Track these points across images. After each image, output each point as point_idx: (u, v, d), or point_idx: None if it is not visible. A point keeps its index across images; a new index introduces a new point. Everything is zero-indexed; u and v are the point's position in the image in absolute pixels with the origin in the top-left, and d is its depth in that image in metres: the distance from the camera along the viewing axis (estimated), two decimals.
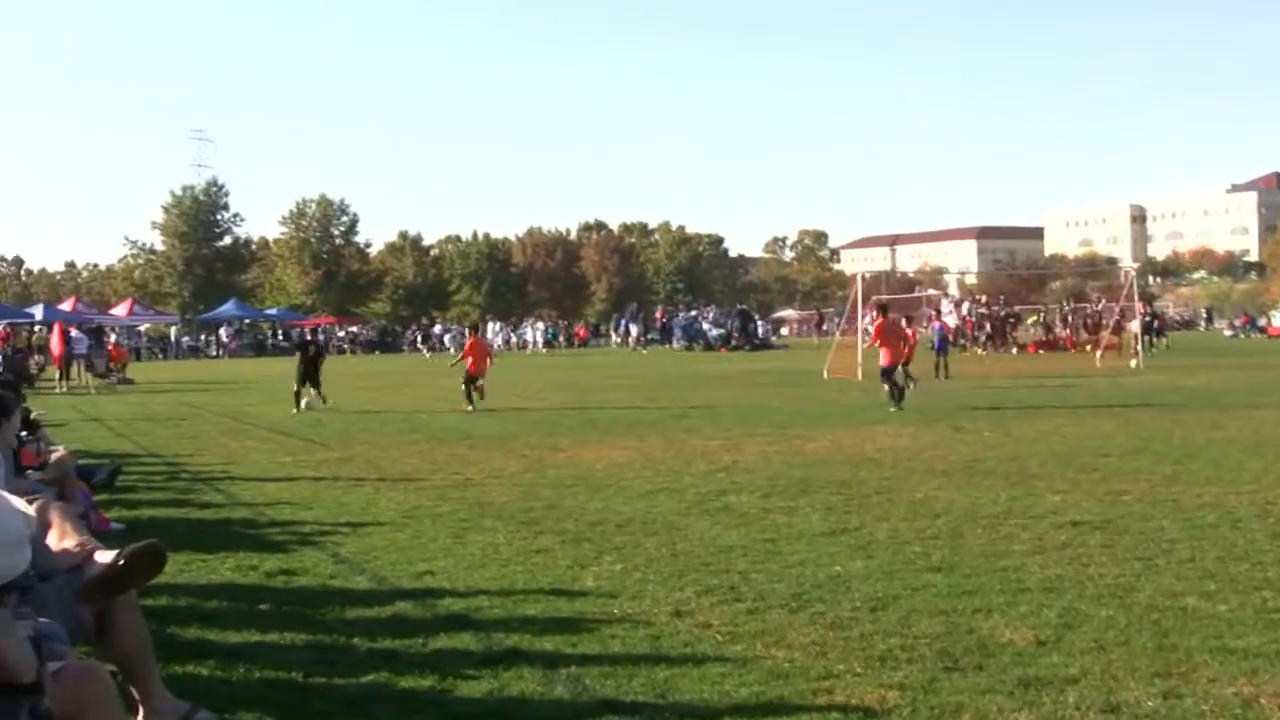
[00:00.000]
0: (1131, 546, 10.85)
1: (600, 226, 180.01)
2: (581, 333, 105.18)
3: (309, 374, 31.34)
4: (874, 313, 27.07)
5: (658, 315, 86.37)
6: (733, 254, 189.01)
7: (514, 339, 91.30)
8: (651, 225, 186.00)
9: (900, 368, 27.35)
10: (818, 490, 14.78)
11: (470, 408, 28.90)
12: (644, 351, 73.61)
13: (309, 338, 33.72)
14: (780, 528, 12.24)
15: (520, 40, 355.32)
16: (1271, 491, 13.92)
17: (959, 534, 11.67)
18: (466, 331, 36.52)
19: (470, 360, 30.37)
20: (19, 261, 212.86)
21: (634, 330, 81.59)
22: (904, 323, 32.06)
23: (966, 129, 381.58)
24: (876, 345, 27.81)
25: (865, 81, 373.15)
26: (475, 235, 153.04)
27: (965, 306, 66.53)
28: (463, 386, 30.03)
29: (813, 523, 12.50)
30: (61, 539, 5.30)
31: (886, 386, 26.93)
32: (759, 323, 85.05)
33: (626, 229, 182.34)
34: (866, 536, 11.65)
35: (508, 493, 15.27)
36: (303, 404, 30.59)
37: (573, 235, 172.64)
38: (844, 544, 11.30)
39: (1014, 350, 59.11)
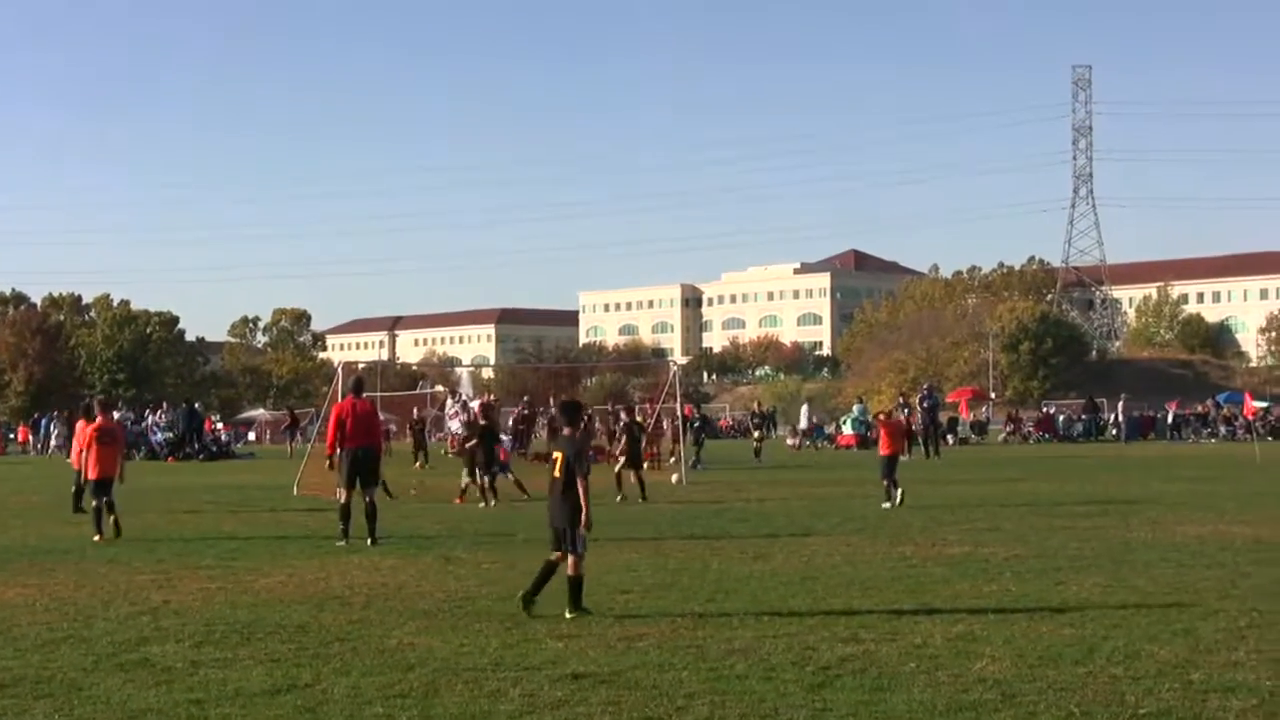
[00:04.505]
0: (640, 704, 11.39)
1: (20, 299, 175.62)
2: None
3: None
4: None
5: None
6: (190, 337, 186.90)
7: None
8: (87, 299, 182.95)
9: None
10: (264, 637, 14.87)
11: None
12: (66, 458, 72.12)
13: None
14: (211, 685, 12.30)
15: None
16: (814, 634, 14.84)
17: (434, 691, 11.99)
18: None
19: None
20: None
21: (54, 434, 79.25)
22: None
23: (485, 191, 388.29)
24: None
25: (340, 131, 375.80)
26: None
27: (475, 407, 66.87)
28: None
29: (253, 679, 12.58)
30: None
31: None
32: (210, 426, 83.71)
33: (53, 303, 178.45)
34: (319, 696, 11.83)
35: None
36: None
37: None
38: (288, 705, 11.46)
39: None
